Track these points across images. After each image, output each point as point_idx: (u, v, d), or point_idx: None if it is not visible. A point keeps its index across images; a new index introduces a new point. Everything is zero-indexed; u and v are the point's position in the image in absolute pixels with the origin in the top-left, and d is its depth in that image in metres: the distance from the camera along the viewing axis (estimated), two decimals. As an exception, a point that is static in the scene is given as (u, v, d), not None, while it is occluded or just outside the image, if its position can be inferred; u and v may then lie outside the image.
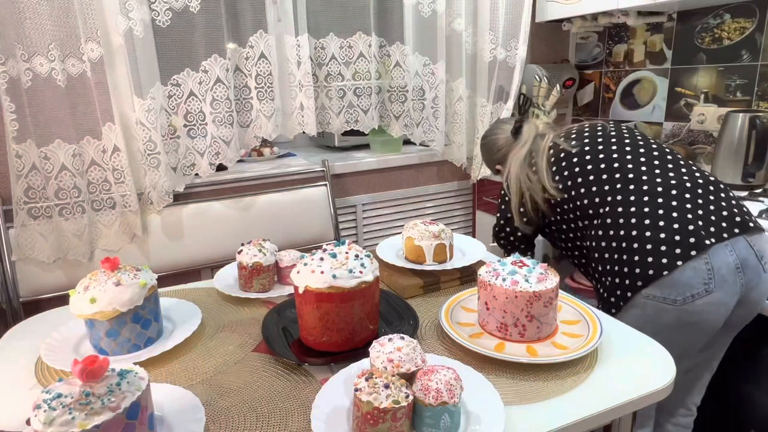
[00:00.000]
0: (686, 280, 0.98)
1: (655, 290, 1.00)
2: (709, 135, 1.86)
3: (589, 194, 1.13)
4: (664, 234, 1.00)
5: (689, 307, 0.99)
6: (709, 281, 0.98)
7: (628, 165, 1.11)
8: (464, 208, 2.27)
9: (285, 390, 0.75)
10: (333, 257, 0.81)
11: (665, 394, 0.74)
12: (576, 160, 1.17)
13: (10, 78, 1.37)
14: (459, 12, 1.89)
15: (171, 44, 1.56)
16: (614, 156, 1.14)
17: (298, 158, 2.02)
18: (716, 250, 0.98)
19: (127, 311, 0.82)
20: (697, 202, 1.03)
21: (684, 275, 0.98)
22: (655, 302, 1.01)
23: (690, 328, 1.02)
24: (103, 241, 1.56)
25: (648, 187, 1.07)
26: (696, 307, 0.99)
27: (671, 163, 1.11)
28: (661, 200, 1.04)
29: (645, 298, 1.02)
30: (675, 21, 1.92)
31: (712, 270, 0.98)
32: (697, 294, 0.98)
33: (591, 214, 1.12)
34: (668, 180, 1.07)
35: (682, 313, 1.00)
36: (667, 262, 0.99)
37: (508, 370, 0.78)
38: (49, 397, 0.56)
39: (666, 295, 0.99)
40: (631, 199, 1.07)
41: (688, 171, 1.10)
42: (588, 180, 1.14)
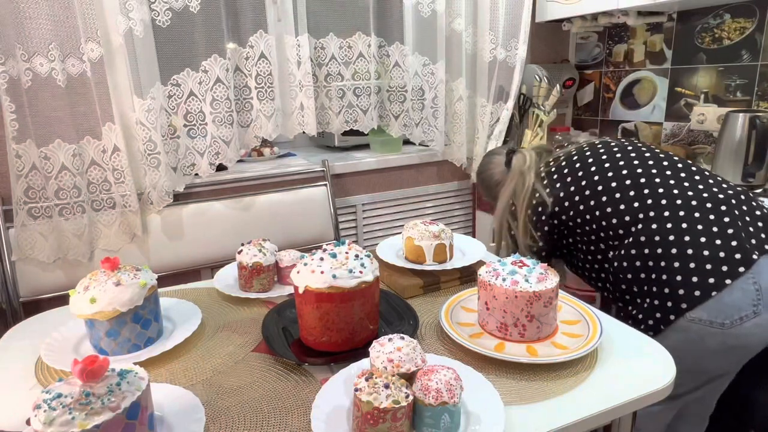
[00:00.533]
0: (735, 302, 0.91)
1: (702, 313, 0.93)
2: (709, 135, 1.86)
3: (617, 213, 1.06)
4: (707, 251, 0.94)
5: (736, 331, 0.92)
6: (758, 302, 0.91)
7: (656, 179, 1.05)
8: (464, 208, 2.27)
9: (285, 390, 0.75)
10: (333, 257, 0.81)
11: (665, 394, 0.74)
12: (597, 178, 1.10)
13: (10, 78, 1.37)
14: (459, 12, 1.89)
15: (171, 44, 1.56)
16: (638, 171, 1.07)
17: (298, 158, 2.02)
18: (761, 265, 0.92)
19: (127, 311, 0.82)
20: (734, 213, 0.98)
21: (733, 296, 0.92)
22: (700, 326, 0.94)
23: (733, 351, 0.96)
24: (103, 241, 1.56)
25: (681, 201, 1.01)
26: (743, 330, 0.92)
27: (697, 174, 1.06)
28: (698, 215, 0.98)
29: (690, 322, 0.94)
30: (675, 21, 1.92)
31: (760, 290, 0.92)
32: (745, 316, 0.92)
33: (621, 234, 1.05)
34: (700, 193, 1.01)
35: (728, 337, 0.93)
36: (714, 281, 0.92)
37: (508, 370, 0.78)
38: (49, 397, 0.56)
39: (713, 319, 0.93)
40: (665, 214, 1.00)
41: (715, 182, 1.04)
42: (614, 198, 1.06)
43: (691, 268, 0.95)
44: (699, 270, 0.94)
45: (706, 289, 0.93)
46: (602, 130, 2.30)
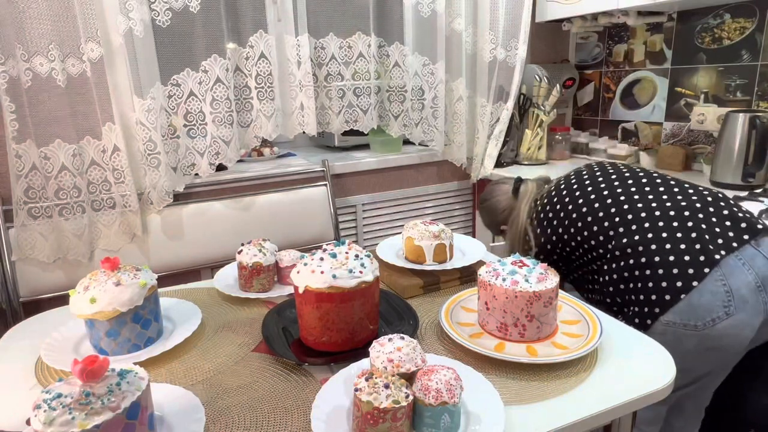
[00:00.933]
0: (705, 305, 0.95)
1: (674, 316, 0.98)
2: (709, 135, 1.86)
3: (593, 234, 1.12)
4: (673, 256, 0.99)
5: (710, 332, 0.96)
6: (728, 303, 0.95)
7: (621, 197, 1.12)
8: (464, 208, 2.27)
9: (285, 390, 0.75)
10: (333, 257, 0.81)
11: (665, 394, 0.74)
12: (571, 207, 1.18)
13: (10, 78, 1.37)
14: (459, 12, 1.89)
15: (171, 44, 1.56)
16: (605, 193, 1.15)
17: (298, 158, 2.02)
18: (730, 266, 0.96)
19: (127, 311, 0.82)
20: (698, 217, 1.03)
21: (702, 299, 0.95)
22: (675, 329, 0.98)
23: (713, 352, 0.99)
24: (103, 241, 1.56)
25: (646, 213, 1.07)
26: (717, 332, 0.96)
27: (662, 186, 1.12)
28: (662, 223, 1.04)
29: (665, 326, 0.99)
30: (675, 21, 1.92)
31: (730, 292, 0.95)
32: (717, 318, 0.95)
33: (601, 253, 1.12)
34: (663, 203, 1.07)
35: (704, 339, 0.97)
36: (681, 284, 0.97)
37: (508, 370, 0.78)
38: (49, 397, 0.56)
39: (686, 321, 0.97)
40: (632, 228, 1.06)
41: (681, 191, 1.10)
42: (587, 221, 1.14)
43: (660, 273, 1.00)
44: (666, 274, 0.99)
45: (675, 291, 0.97)
46: (602, 130, 2.30)
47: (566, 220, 1.19)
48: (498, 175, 2.05)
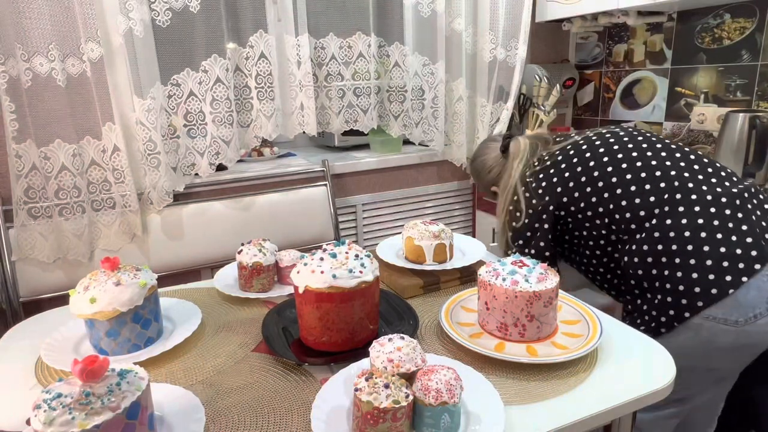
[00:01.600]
0: (750, 300, 0.91)
1: (717, 311, 0.92)
2: (709, 135, 1.86)
3: (631, 207, 1.03)
4: (724, 248, 0.93)
5: (750, 328, 0.92)
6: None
7: (671, 172, 1.02)
8: (464, 208, 2.27)
9: (285, 390, 0.75)
10: (333, 257, 0.81)
11: (665, 394, 0.74)
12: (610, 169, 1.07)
13: (10, 78, 1.37)
14: (459, 12, 1.89)
15: (171, 44, 1.56)
16: (653, 163, 1.04)
17: (298, 158, 2.02)
18: None
19: (127, 311, 0.82)
20: (748, 208, 0.96)
21: (749, 295, 0.91)
22: (714, 323, 0.93)
23: (744, 349, 0.96)
24: (103, 241, 1.56)
25: (696, 196, 0.98)
26: (756, 328, 0.92)
27: (710, 167, 1.04)
28: (714, 210, 0.96)
29: (704, 319, 0.94)
30: (675, 21, 1.92)
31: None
32: (759, 314, 0.91)
33: (633, 229, 1.03)
34: (714, 187, 0.99)
35: (741, 335, 0.93)
36: (731, 279, 0.91)
37: (508, 370, 0.78)
38: (49, 397, 0.56)
39: (728, 316, 0.92)
40: (680, 210, 0.98)
41: (727, 176, 1.03)
42: (629, 190, 1.04)
43: (707, 265, 0.93)
44: (715, 267, 0.93)
45: (723, 286, 0.91)
46: (602, 130, 2.29)
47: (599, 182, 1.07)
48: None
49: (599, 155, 1.10)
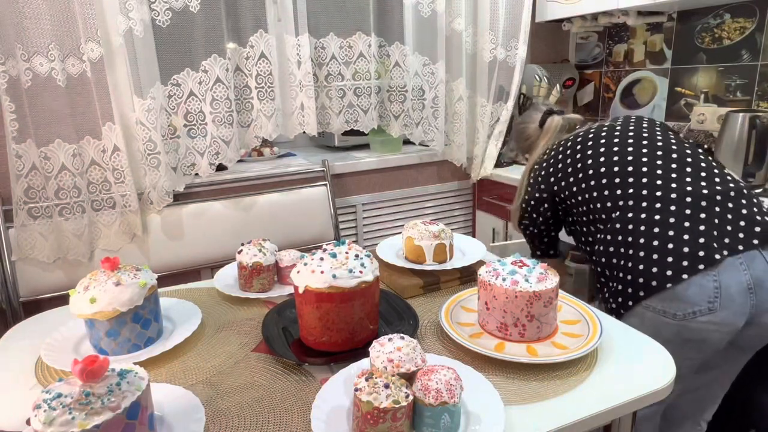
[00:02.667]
0: (690, 297, 0.94)
1: (656, 302, 0.97)
2: (709, 135, 1.86)
3: (602, 198, 1.09)
4: (672, 244, 0.96)
5: (690, 324, 0.95)
6: (714, 300, 0.93)
7: (643, 168, 1.06)
8: (464, 208, 2.27)
9: (285, 390, 0.75)
10: (333, 257, 0.81)
11: (665, 394, 0.74)
12: (590, 162, 1.14)
13: (10, 78, 1.37)
14: (459, 12, 1.89)
15: (171, 44, 1.56)
16: (629, 158, 1.09)
17: (298, 158, 2.02)
18: (728, 265, 0.93)
19: (127, 311, 0.82)
20: (714, 211, 0.98)
21: (688, 291, 0.93)
22: (654, 314, 0.98)
23: (691, 345, 0.98)
24: (103, 241, 1.56)
25: (662, 193, 1.02)
26: (698, 324, 0.95)
27: (690, 166, 1.05)
28: (674, 208, 0.99)
29: (645, 309, 0.99)
30: (675, 21, 1.92)
31: (719, 288, 0.93)
32: (699, 311, 0.94)
33: (604, 219, 1.09)
34: (684, 187, 1.02)
35: (682, 329, 0.96)
36: (671, 274, 0.95)
37: (508, 370, 0.78)
38: (49, 397, 0.56)
39: (666, 309, 0.96)
40: (642, 205, 1.02)
41: (708, 175, 1.04)
42: (601, 183, 1.10)
43: (653, 258, 0.98)
44: (659, 262, 0.97)
45: (663, 279, 0.96)
46: (602, 130, 2.29)
47: (581, 173, 1.14)
48: (498, 175, 2.05)
49: (591, 147, 1.17)
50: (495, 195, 2.11)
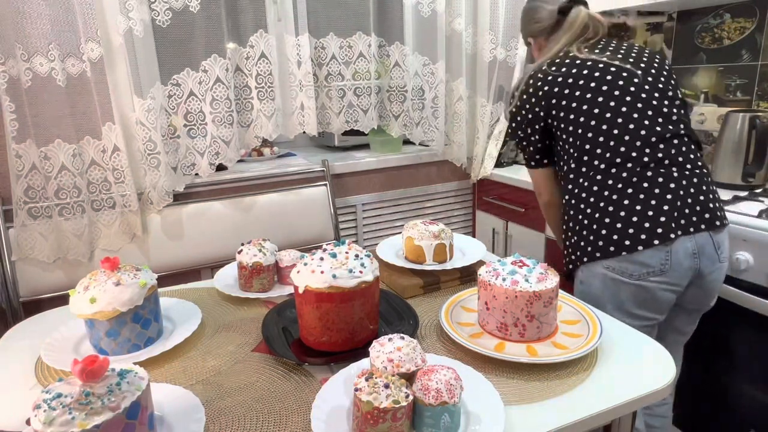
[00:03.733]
0: (644, 260, 1.04)
1: (614, 263, 1.07)
2: (709, 135, 1.86)
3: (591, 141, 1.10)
4: (636, 217, 1.05)
5: (644, 283, 1.06)
6: (665, 263, 1.04)
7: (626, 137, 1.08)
8: (464, 208, 2.27)
9: (285, 390, 0.75)
10: (333, 257, 0.81)
11: (665, 394, 0.74)
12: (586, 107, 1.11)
13: (10, 78, 1.37)
14: (459, 12, 1.89)
15: (171, 44, 1.56)
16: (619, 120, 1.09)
17: (298, 158, 2.02)
18: (679, 242, 1.04)
19: (127, 311, 0.82)
20: (679, 194, 1.06)
21: (642, 256, 1.04)
22: (613, 273, 1.07)
23: (646, 304, 1.08)
24: (103, 241, 1.56)
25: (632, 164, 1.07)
26: (650, 284, 1.06)
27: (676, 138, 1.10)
28: (646, 185, 1.06)
29: (605, 269, 1.08)
30: (675, 21, 1.92)
31: (669, 253, 1.04)
32: (652, 272, 1.05)
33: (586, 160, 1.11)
34: (663, 160, 1.07)
35: (638, 289, 1.06)
36: (629, 244, 1.04)
37: (508, 370, 0.78)
38: (49, 397, 0.56)
39: (624, 269, 1.06)
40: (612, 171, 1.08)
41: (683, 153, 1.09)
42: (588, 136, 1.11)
43: (616, 227, 1.06)
44: (621, 231, 1.06)
45: (621, 248, 1.05)
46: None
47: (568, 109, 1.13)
48: (498, 175, 2.05)
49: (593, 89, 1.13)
50: (495, 195, 2.11)
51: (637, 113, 1.10)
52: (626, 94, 1.11)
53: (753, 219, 1.26)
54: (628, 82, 1.13)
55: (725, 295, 1.30)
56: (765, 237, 1.22)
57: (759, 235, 1.23)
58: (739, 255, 1.26)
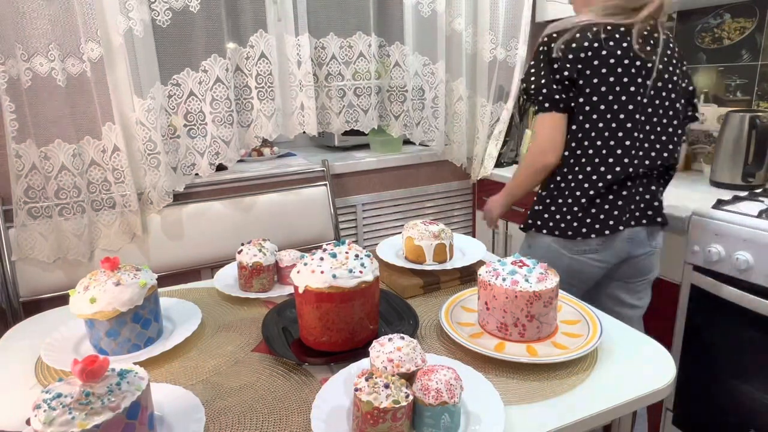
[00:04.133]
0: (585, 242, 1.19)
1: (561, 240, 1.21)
2: (709, 135, 1.86)
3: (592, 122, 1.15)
4: (594, 210, 1.18)
5: (579, 258, 1.20)
6: (601, 245, 1.19)
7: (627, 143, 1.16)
8: (464, 208, 2.27)
9: (285, 390, 0.75)
10: (333, 257, 0.81)
11: (665, 394, 0.74)
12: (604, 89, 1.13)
13: (10, 78, 1.37)
14: (459, 12, 1.89)
15: (171, 44, 1.56)
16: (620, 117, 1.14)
17: (298, 158, 2.02)
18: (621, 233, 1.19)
19: (127, 311, 0.82)
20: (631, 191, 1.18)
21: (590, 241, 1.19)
22: (557, 246, 1.21)
23: (577, 275, 1.22)
24: (103, 241, 1.56)
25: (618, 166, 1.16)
26: (584, 259, 1.21)
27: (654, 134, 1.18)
28: (616, 187, 1.17)
29: (552, 241, 1.22)
30: (675, 21, 1.92)
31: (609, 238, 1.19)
32: (588, 250, 1.20)
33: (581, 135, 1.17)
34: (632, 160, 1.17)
35: (573, 262, 1.21)
36: (585, 231, 1.18)
37: (508, 370, 0.78)
38: (49, 397, 0.56)
39: (566, 246, 1.20)
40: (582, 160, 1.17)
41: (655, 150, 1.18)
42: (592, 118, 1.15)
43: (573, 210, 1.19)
44: (580, 220, 1.18)
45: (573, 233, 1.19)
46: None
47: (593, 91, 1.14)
48: (498, 175, 2.05)
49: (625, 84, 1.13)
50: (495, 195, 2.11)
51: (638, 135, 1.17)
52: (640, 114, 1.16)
53: (753, 219, 1.26)
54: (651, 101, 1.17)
55: (725, 295, 1.30)
56: (765, 237, 1.22)
57: (759, 235, 1.23)
58: (739, 255, 1.26)
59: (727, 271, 1.30)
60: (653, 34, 1.17)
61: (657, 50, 1.16)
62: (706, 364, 1.39)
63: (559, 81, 1.16)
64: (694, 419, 1.44)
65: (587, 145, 1.17)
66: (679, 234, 1.40)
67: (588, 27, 1.16)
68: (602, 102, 1.14)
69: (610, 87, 1.14)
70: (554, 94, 1.17)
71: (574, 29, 1.17)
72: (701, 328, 1.39)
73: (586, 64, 1.14)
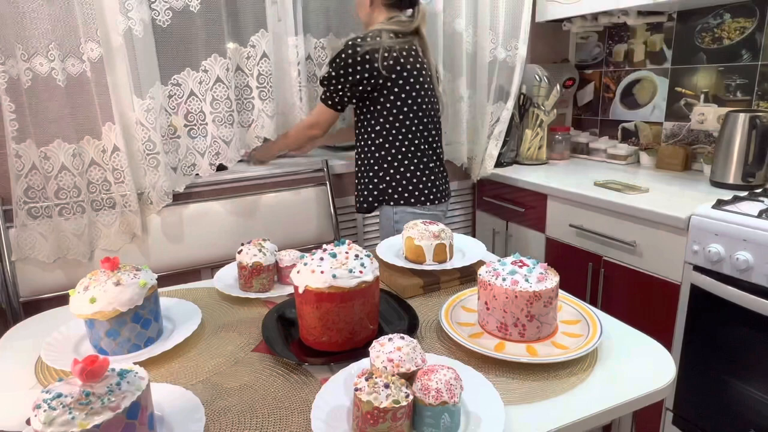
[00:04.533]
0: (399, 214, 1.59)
1: (391, 206, 1.57)
2: (709, 135, 1.86)
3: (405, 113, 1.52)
4: (415, 183, 1.56)
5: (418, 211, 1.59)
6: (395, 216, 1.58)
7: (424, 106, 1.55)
8: (464, 208, 2.27)
9: (285, 390, 0.75)
10: (333, 257, 0.81)
11: (665, 394, 0.74)
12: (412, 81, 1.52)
13: (10, 78, 1.37)
14: (459, 12, 1.89)
15: (171, 44, 1.56)
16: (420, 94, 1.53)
17: (298, 158, 2.02)
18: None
19: (127, 311, 0.82)
20: (435, 172, 1.60)
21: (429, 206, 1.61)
22: (389, 207, 1.57)
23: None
24: (103, 241, 1.56)
25: (427, 148, 1.58)
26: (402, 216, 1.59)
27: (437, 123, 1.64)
28: (429, 167, 1.58)
29: (386, 207, 1.58)
30: (675, 21, 1.92)
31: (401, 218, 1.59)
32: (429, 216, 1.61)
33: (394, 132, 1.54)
34: (432, 143, 1.60)
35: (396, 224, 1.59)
36: (413, 202, 1.56)
37: (508, 370, 0.78)
38: (49, 397, 0.56)
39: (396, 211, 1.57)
40: (414, 141, 1.55)
41: (439, 137, 1.64)
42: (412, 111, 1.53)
43: (405, 186, 1.56)
44: (407, 191, 1.56)
45: (406, 202, 1.56)
46: (602, 130, 2.30)
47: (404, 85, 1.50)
48: (498, 175, 2.05)
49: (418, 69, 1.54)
50: (495, 195, 2.11)
51: (428, 97, 1.56)
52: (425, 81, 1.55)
53: (753, 219, 1.26)
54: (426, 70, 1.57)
55: (725, 295, 1.30)
56: (765, 237, 1.22)
57: (759, 235, 1.23)
58: (739, 255, 1.26)
59: (727, 271, 1.30)
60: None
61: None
62: (706, 364, 1.39)
63: (359, 83, 1.53)
64: (694, 419, 1.44)
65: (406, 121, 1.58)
66: (679, 234, 1.41)
67: (381, 32, 1.53)
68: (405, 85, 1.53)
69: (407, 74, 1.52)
70: (345, 100, 1.58)
71: (368, 36, 1.54)
72: (701, 328, 1.39)
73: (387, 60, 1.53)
